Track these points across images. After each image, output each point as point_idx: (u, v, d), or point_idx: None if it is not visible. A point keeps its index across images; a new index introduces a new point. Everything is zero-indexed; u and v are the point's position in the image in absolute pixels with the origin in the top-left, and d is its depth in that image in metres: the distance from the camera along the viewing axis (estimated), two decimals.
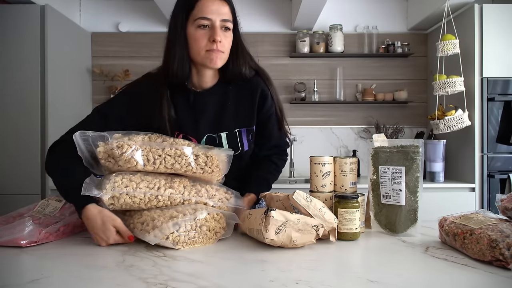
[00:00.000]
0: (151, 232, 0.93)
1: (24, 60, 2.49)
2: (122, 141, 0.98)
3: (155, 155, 1.00)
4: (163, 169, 1.01)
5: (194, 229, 0.96)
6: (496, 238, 0.81)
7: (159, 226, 0.93)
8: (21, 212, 1.12)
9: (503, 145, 2.62)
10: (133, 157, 0.97)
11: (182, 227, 0.94)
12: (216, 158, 1.05)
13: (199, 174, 1.05)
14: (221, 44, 1.12)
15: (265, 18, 3.29)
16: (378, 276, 0.76)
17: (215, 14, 1.11)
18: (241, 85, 1.24)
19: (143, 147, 0.99)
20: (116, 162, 0.99)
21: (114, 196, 0.97)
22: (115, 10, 3.26)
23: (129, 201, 0.98)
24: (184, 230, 0.94)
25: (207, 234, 0.98)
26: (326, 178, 1.12)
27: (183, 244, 0.94)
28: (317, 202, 0.97)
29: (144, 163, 0.99)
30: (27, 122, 2.49)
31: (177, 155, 1.01)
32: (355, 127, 3.28)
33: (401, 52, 3.18)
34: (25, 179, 2.48)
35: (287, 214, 0.92)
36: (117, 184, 0.97)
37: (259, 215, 0.95)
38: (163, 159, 1.00)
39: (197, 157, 1.03)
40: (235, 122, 1.22)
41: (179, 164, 1.01)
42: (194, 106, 1.20)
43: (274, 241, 0.91)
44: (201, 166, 1.04)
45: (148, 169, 1.01)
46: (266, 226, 0.91)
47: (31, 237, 0.96)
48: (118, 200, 0.98)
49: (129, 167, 0.99)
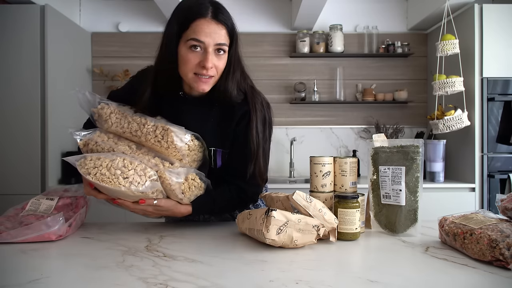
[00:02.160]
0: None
1: (24, 60, 2.49)
2: (106, 102, 1.14)
3: (126, 120, 1.12)
4: (129, 134, 1.12)
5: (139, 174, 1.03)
6: (496, 238, 0.81)
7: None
8: (9, 215, 1.11)
9: (503, 145, 2.62)
10: (110, 118, 1.12)
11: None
12: (172, 134, 1.07)
13: (156, 146, 1.10)
14: (213, 69, 1.08)
15: (265, 18, 3.30)
16: (378, 276, 0.76)
17: (208, 37, 1.05)
18: (227, 106, 1.17)
19: (120, 110, 1.13)
20: (101, 122, 1.14)
21: (86, 143, 1.12)
22: (115, 10, 3.27)
23: (94, 149, 1.11)
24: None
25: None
26: (326, 178, 1.12)
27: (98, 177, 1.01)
28: (317, 202, 0.97)
29: (117, 125, 1.12)
30: (27, 122, 2.49)
31: (141, 123, 1.10)
32: (355, 127, 3.29)
33: (401, 52, 3.18)
34: (25, 179, 2.48)
35: (288, 214, 0.92)
36: (93, 135, 1.12)
37: (260, 216, 0.95)
38: (130, 124, 1.11)
39: (156, 128, 1.09)
40: (212, 141, 1.17)
41: (141, 131, 1.10)
42: (176, 109, 1.18)
43: (275, 241, 0.91)
44: (158, 138, 1.09)
45: (118, 131, 1.12)
46: (267, 226, 0.91)
47: (60, 231, 1.03)
48: (88, 146, 1.12)
49: (107, 127, 1.13)
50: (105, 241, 1.02)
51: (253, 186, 1.20)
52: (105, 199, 1.09)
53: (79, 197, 1.19)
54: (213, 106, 1.19)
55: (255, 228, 0.97)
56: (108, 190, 1.02)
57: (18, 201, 1.16)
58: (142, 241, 1.01)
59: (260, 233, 0.93)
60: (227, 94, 1.14)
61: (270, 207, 0.98)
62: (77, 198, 1.19)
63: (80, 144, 1.11)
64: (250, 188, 1.20)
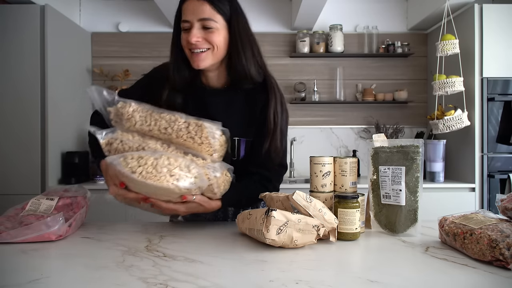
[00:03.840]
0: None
1: (24, 60, 2.49)
2: (125, 101, 1.08)
3: (153, 118, 1.06)
4: (156, 132, 1.07)
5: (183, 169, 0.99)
6: (496, 238, 0.81)
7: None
8: (9, 215, 1.11)
9: (503, 145, 2.62)
10: (133, 117, 1.06)
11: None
12: (206, 130, 1.06)
13: (189, 142, 1.06)
14: (201, 42, 1.10)
15: (265, 18, 3.30)
16: (378, 276, 0.76)
17: (191, 14, 1.09)
18: (249, 92, 1.20)
19: (143, 109, 1.07)
20: (121, 121, 1.08)
21: (109, 142, 1.06)
22: (115, 10, 3.27)
23: (120, 148, 1.05)
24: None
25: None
26: (326, 178, 1.12)
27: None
28: (317, 202, 0.97)
29: (142, 123, 1.07)
30: (27, 122, 2.49)
31: (171, 120, 1.06)
32: (355, 127, 3.29)
33: (401, 52, 3.18)
34: (25, 179, 2.48)
35: (288, 214, 0.92)
36: (116, 134, 1.07)
37: (260, 215, 0.95)
38: (158, 122, 1.06)
39: (188, 125, 1.06)
40: (237, 130, 1.18)
41: (172, 128, 1.06)
42: (198, 103, 1.20)
43: (275, 241, 0.91)
44: (191, 135, 1.06)
45: (144, 129, 1.07)
46: (267, 226, 0.91)
47: (60, 231, 1.03)
48: (112, 145, 1.06)
49: (129, 126, 1.07)
50: (105, 241, 1.02)
51: (275, 173, 1.23)
52: (134, 198, 1.03)
53: (79, 197, 1.19)
54: (236, 94, 1.20)
55: (255, 228, 0.97)
56: (151, 187, 0.98)
57: (18, 201, 1.16)
58: (142, 241, 1.01)
59: (260, 233, 0.93)
60: (244, 72, 1.16)
61: (270, 207, 0.98)
62: (77, 198, 1.19)
63: (103, 144, 1.07)
64: (273, 176, 1.23)
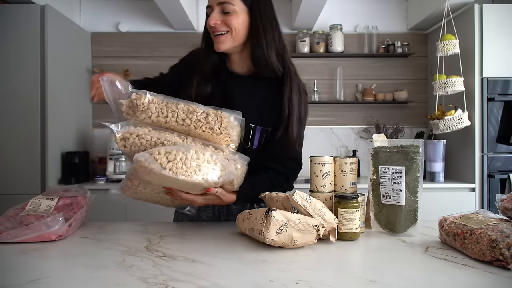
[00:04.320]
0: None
1: (24, 60, 2.49)
2: (139, 92, 1.03)
3: (169, 109, 1.03)
4: (174, 123, 1.04)
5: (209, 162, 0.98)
6: (496, 238, 0.81)
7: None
8: (9, 215, 1.11)
9: (503, 145, 2.62)
10: (149, 108, 1.02)
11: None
12: (225, 119, 1.04)
13: (207, 133, 1.04)
14: (219, 25, 1.13)
15: None
16: (378, 276, 0.76)
17: (212, 0, 1.13)
18: (273, 80, 1.19)
19: (159, 99, 1.04)
20: (134, 113, 1.04)
21: (124, 137, 1.02)
22: (115, 10, 3.27)
23: (137, 142, 1.01)
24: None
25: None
26: (326, 178, 1.12)
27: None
28: (317, 202, 0.97)
29: (158, 114, 1.03)
30: (27, 122, 2.49)
31: (189, 111, 1.03)
32: (355, 127, 3.29)
33: (401, 52, 3.18)
34: (25, 179, 2.48)
35: (288, 214, 0.92)
36: (130, 127, 1.03)
37: (260, 215, 0.95)
38: (175, 113, 1.03)
39: (207, 115, 1.04)
40: (254, 117, 1.17)
41: (190, 119, 1.03)
42: (223, 87, 1.22)
43: (275, 241, 0.91)
44: (210, 125, 1.03)
45: (160, 121, 1.03)
46: (267, 226, 0.91)
47: (60, 231, 1.03)
48: (127, 140, 1.02)
49: (144, 118, 1.03)
50: (105, 241, 1.02)
51: (290, 171, 1.23)
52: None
53: (79, 197, 1.19)
54: (259, 81, 1.20)
55: (255, 228, 0.97)
56: (180, 182, 0.96)
57: (18, 201, 1.16)
58: (142, 241, 1.01)
59: (260, 233, 0.93)
60: (264, 58, 1.16)
61: (270, 207, 0.98)
62: (77, 198, 1.19)
63: (118, 138, 1.03)
64: (289, 173, 1.23)
